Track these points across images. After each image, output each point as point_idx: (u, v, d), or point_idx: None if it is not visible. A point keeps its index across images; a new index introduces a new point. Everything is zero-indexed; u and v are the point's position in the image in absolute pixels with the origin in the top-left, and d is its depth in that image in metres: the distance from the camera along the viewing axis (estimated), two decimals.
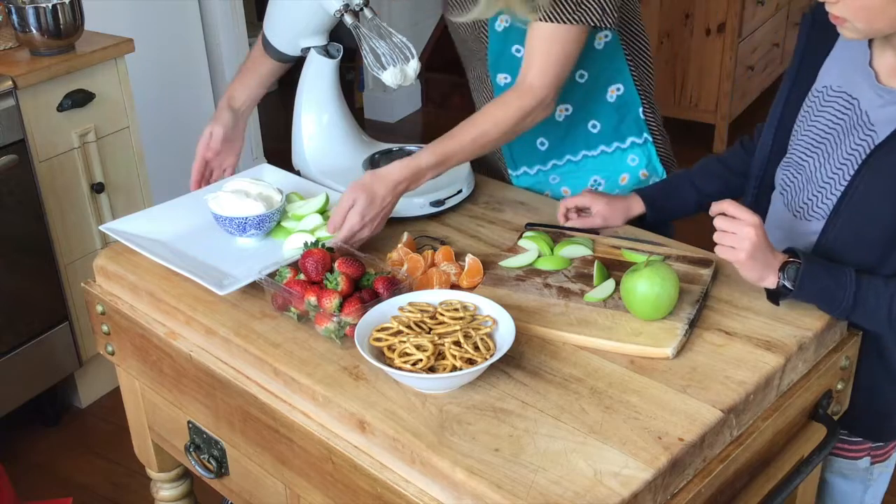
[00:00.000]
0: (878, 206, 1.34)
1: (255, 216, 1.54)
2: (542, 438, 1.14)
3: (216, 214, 1.56)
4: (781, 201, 1.51)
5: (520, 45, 1.65)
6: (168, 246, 1.57)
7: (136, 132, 2.69)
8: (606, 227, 1.61)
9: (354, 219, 1.49)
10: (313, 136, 1.78)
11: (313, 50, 1.75)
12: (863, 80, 1.37)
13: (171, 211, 1.67)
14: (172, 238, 1.59)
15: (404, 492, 1.15)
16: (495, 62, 1.71)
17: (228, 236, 1.58)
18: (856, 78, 1.38)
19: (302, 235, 1.54)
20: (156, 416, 1.63)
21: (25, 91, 2.35)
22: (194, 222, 1.63)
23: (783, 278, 1.32)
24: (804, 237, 1.43)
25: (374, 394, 1.23)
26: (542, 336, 1.33)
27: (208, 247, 1.57)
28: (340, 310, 1.31)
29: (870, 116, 1.35)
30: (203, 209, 1.60)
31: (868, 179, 1.34)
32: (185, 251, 1.56)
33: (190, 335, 1.44)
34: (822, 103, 1.43)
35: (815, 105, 1.44)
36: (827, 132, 1.42)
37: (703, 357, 1.29)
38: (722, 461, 1.20)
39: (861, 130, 1.36)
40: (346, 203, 1.49)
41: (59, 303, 2.56)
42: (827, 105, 1.42)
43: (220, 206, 1.56)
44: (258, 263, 1.45)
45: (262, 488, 1.43)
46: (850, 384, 1.45)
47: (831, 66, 1.44)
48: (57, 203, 2.50)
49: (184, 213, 1.66)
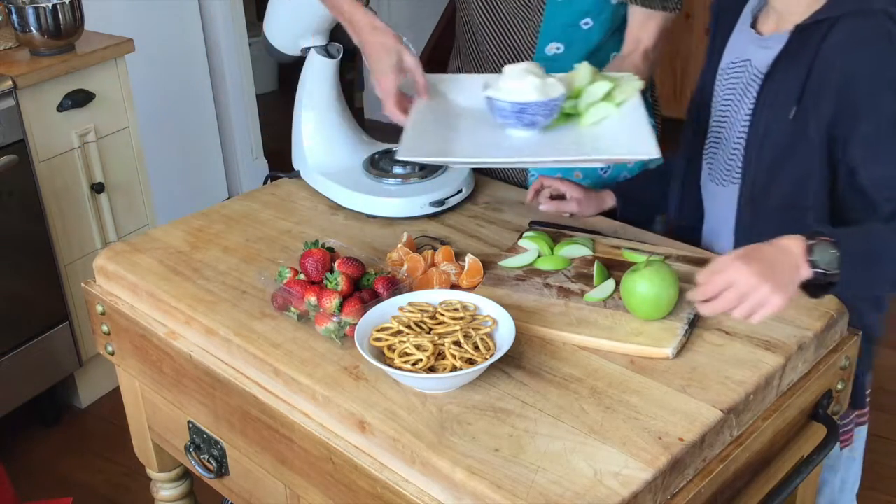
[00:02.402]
0: (779, 140, 1.41)
1: (559, 96, 1.46)
2: (542, 438, 1.14)
3: (524, 104, 1.45)
4: (710, 179, 1.57)
5: (590, 18, 1.70)
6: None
7: (136, 132, 2.69)
8: (579, 214, 1.66)
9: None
10: (313, 136, 1.78)
11: (313, 50, 1.75)
12: (749, 42, 1.48)
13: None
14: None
15: (404, 492, 1.15)
16: (549, 31, 1.72)
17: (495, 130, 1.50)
18: (745, 44, 1.49)
19: (603, 105, 1.50)
20: (156, 416, 1.63)
21: (25, 91, 2.35)
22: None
23: (818, 261, 1.21)
24: (733, 203, 1.49)
25: (374, 394, 1.23)
26: (542, 336, 1.33)
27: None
28: (340, 310, 1.31)
29: (759, 68, 1.45)
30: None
31: (767, 115, 1.42)
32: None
33: (190, 335, 1.44)
34: (725, 77, 1.53)
35: (721, 81, 1.54)
36: (728, 97, 1.51)
37: (703, 357, 1.29)
38: (722, 461, 1.20)
39: (755, 83, 1.45)
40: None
41: (59, 303, 2.56)
42: (728, 77, 1.52)
43: (507, 94, 1.46)
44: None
45: (262, 488, 1.43)
46: (850, 384, 1.45)
47: (730, 45, 1.54)
48: (57, 203, 2.50)
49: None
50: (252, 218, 1.69)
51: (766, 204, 1.46)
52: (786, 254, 1.22)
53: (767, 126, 1.43)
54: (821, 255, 1.22)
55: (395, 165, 1.72)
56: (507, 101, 1.46)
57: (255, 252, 1.58)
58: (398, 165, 1.72)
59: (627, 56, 1.75)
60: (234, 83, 3.72)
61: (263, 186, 1.85)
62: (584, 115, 1.52)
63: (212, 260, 1.56)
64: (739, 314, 1.21)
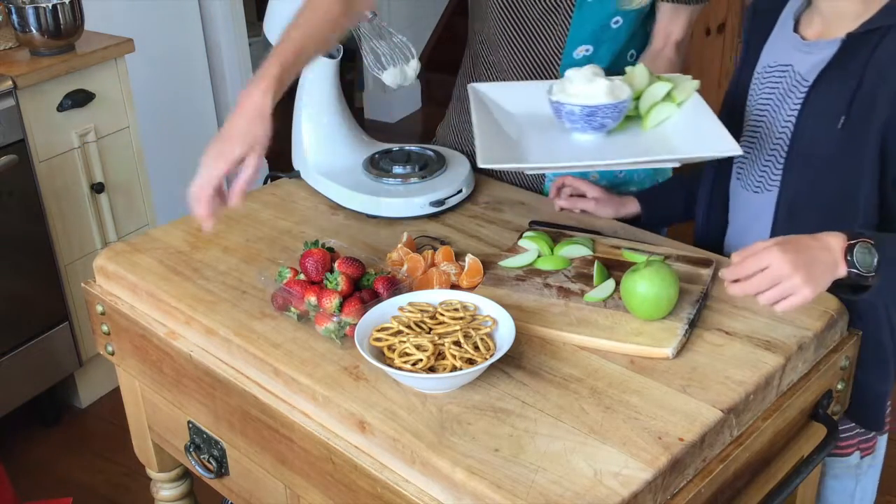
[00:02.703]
0: (824, 150, 1.38)
1: (628, 98, 1.47)
2: (542, 438, 1.14)
3: (595, 107, 1.45)
4: (740, 185, 1.54)
5: (619, 16, 1.69)
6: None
7: (136, 132, 2.69)
8: (595, 215, 1.65)
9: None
10: (313, 136, 1.78)
11: None
12: (792, 47, 1.45)
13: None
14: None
15: (404, 492, 1.15)
16: (578, 34, 1.71)
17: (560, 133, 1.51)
18: (786, 49, 1.46)
19: (665, 106, 1.50)
20: (156, 416, 1.63)
21: (25, 91, 2.35)
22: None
23: (857, 261, 1.19)
24: (767, 211, 1.46)
25: (374, 394, 1.23)
26: (542, 336, 1.33)
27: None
28: (340, 310, 1.31)
29: (802, 74, 1.42)
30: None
31: (811, 125, 1.39)
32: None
33: (190, 335, 1.44)
34: (761, 81, 1.50)
35: (757, 85, 1.51)
36: (766, 102, 1.48)
37: (703, 357, 1.29)
38: (722, 461, 1.20)
39: (797, 89, 1.42)
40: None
41: (59, 303, 2.57)
42: (766, 81, 1.49)
43: (572, 97, 1.47)
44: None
45: (262, 488, 1.43)
46: (850, 384, 1.45)
47: (768, 48, 1.51)
48: (57, 203, 2.50)
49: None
50: (252, 218, 1.69)
51: (806, 216, 1.42)
52: (826, 249, 1.21)
53: (813, 136, 1.40)
54: (861, 257, 1.20)
55: (395, 165, 1.72)
56: (576, 104, 1.46)
57: (255, 252, 1.58)
58: (398, 165, 1.72)
59: (660, 51, 1.75)
60: (234, 83, 3.71)
61: (263, 186, 1.85)
62: (647, 116, 1.53)
63: (212, 260, 1.56)
64: (766, 299, 1.20)
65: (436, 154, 1.77)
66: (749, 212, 1.53)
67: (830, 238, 1.22)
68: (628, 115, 1.53)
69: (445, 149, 1.82)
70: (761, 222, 1.48)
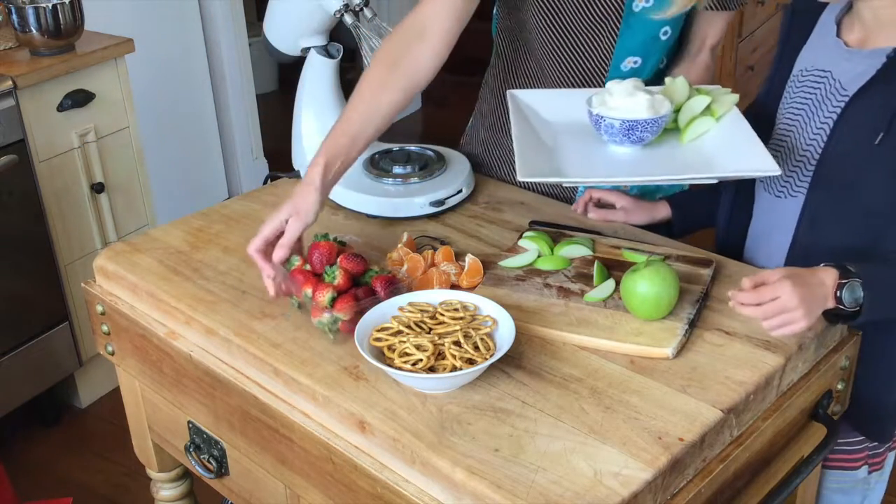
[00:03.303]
0: (856, 163, 1.36)
1: (667, 113, 1.48)
2: (542, 438, 1.14)
3: (634, 121, 1.46)
4: (763, 187, 1.53)
5: (668, 26, 1.68)
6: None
7: (136, 132, 2.69)
8: (627, 222, 1.64)
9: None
10: (313, 136, 1.78)
11: (313, 50, 1.75)
12: (833, 53, 1.42)
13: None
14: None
15: (404, 492, 1.15)
16: (627, 45, 1.68)
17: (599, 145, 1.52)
18: (827, 54, 1.44)
19: (703, 120, 1.50)
20: (156, 416, 1.63)
21: (25, 91, 2.35)
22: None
23: (844, 299, 1.27)
24: (790, 219, 1.45)
25: (374, 394, 1.23)
26: (542, 336, 1.33)
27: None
28: (333, 305, 1.32)
29: (842, 82, 1.40)
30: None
31: (846, 139, 1.37)
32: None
33: (190, 335, 1.44)
34: (797, 85, 1.48)
35: (792, 88, 1.49)
36: (800, 108, 1.46)
37: (703, 357, 1.29)
38: (722, 461, 1.20)
39: (834, 97, 1.40)
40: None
41: (59, 303, 2.57)
42: (802, 85, 1.46)
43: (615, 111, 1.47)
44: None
45: (262, 488, 1.43)
46: (850, 384, 1.45)
47: (807, 52, 1.48)
48: (57, 203, 2.50)
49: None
50: (252, 218, 1.69)
51: (829, 228, 1.41)
52: (821, 285, 1.28)
53: (848, 147, 1.37)
54: (849, 294, 1.27)
55: (395, 165, 1.73)
56: (616, 118, 1.47)
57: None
58: (398, 165, 1.72)
59: (696, 55, 1.75)
60: (234, 83, 3.72)
61: (263, 186, 1.85)
62: (685, 130, 1.53)
63: (212, 260, 1.56)
64: (769, 325, 1.27)
65: (436, 154, 1.77)
66: (770, 216, 1.52)
67: (825, 274, 1.28)
68: (666, 127, 1.53)
69: (445, 148, 1.82)
70: (781, 228, 1.47)
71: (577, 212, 1.67)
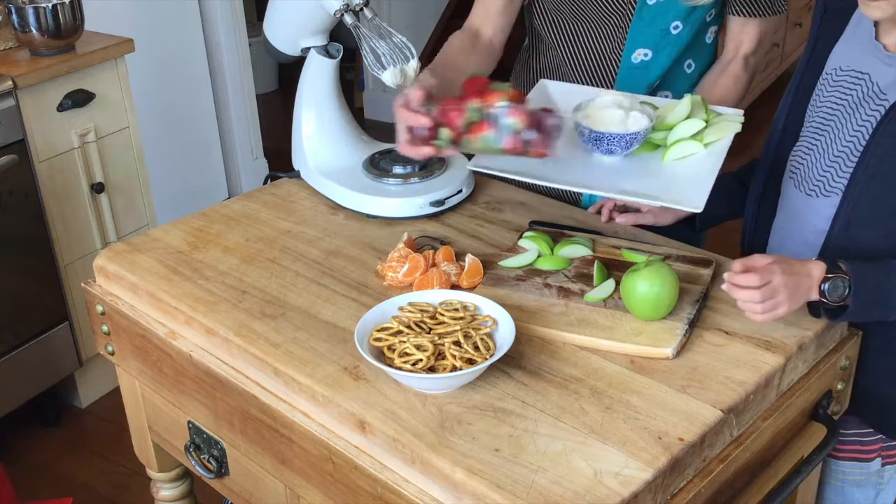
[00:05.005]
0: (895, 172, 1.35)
1: (640, 131, 1.50)
2: (542, 438, 1.14)
3: (600, 133, 1.50)
4: (792, 184, 1.51)
5: (680, 21, 1.68)
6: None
7: (136, 132, 2.69)
8: (656, 224, 1.64)
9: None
10: (313, 136, 1.78)
11: (313, 50, 1.75)
12: (871, 55, 1.40)
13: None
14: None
15: (404, 492, 1.15)
16: (637, 38, 1.70)
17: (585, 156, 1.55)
18: (864, 55, 1.42)
19: (689, 144, 1.52)
20: (156, 416, 1.63)
21: (25, 91, 2.35)
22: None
23: (827, 292, 1.29)
24: (820, 218, 1.44)
25: (374, 394, 1.23)
26: (542, 336, 1.33)
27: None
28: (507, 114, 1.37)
29: (881, 86, 1.38)
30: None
31: (885, 144, 1.36)
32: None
33: (190, 335, 1.44)
34: (831, 84, 1.46)
35: (826, 86, 1.47)
36: (836, 107, 1.44)
37: (703, 357, 1.29)
38: (722, 461, 1.20)
39: (872, 101, 1.39)
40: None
41: (59, 303, 2.57)
42: (836, 84, 1.45)
43: (599, 123, 1.52)
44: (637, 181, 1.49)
45: (262, 488, 1.43)
46: (850, 384, 1.45)
47: (840, 50, 1.47)
48: (57, 203, 2.50)
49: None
50: (252, 218, 1.69)
51: (864, 231, 1.40)
52: (807, 276, 1.29)
53: (886, 153, 1.35)
54: (833, 290, 1.29)
55: (395, 165, 1.72)
56: (586, 127, 1.52)
57: (255, 252, 1.58)
58: (398, 165, 1.72)
59: (728, 63, 1.75)
60: (234, 83, 3.72)
61: (263, 186, 1.85)
62: (668, 150, 1.54)
63: (212, 260, 1.56)
64: (753, 309, 1.28)
65: None
66: (798, 213, 1.50)
67: (813, 267, 1.30)
68: (660, 144, 1.55)
69: None
70: (811, 226, 1.45)
71: (603, 221, 1.65)
